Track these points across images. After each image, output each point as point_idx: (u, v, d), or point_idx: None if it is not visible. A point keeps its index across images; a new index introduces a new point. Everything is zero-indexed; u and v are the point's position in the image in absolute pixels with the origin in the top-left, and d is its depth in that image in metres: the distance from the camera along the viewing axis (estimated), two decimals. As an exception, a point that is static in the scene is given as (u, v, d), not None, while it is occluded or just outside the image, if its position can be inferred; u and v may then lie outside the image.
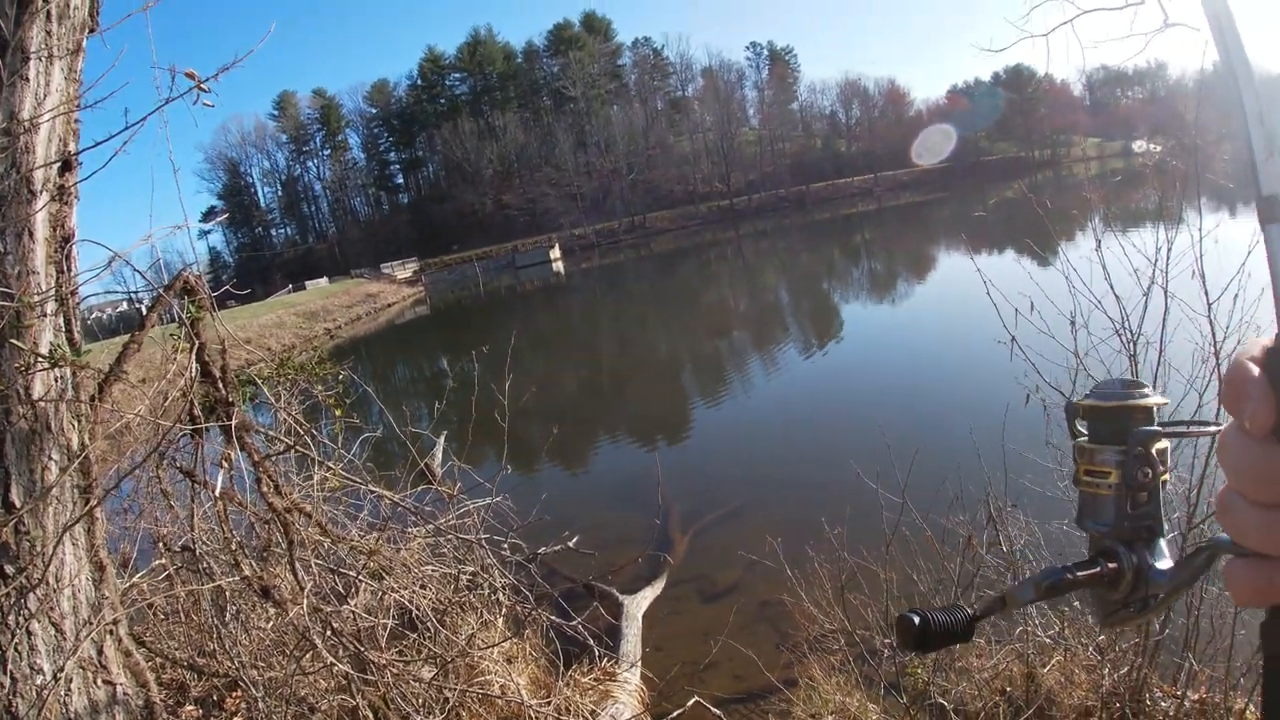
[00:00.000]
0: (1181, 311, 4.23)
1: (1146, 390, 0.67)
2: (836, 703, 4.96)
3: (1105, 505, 0.66)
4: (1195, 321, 4.14)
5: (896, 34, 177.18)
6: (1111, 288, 4.35)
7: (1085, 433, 0.71)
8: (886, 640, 4.98)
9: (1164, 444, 0.66)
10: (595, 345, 31.07)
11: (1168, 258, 4.22)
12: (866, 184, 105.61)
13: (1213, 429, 0.66)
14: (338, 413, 4.43)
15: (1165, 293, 4.25)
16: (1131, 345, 4.33)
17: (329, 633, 3.74)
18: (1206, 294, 4.08)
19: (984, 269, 4.63)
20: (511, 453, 4.92)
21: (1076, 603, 5.01)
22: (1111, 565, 0.64)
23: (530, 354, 26.75)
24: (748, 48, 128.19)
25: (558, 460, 13.77)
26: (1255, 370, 0.53)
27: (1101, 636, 4.73)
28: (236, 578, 3.51)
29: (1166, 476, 0.67)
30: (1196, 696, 4.36)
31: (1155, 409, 0.67)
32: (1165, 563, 0.63)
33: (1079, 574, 0.64)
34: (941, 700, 4.60)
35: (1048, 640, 4.84)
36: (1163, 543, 0.65)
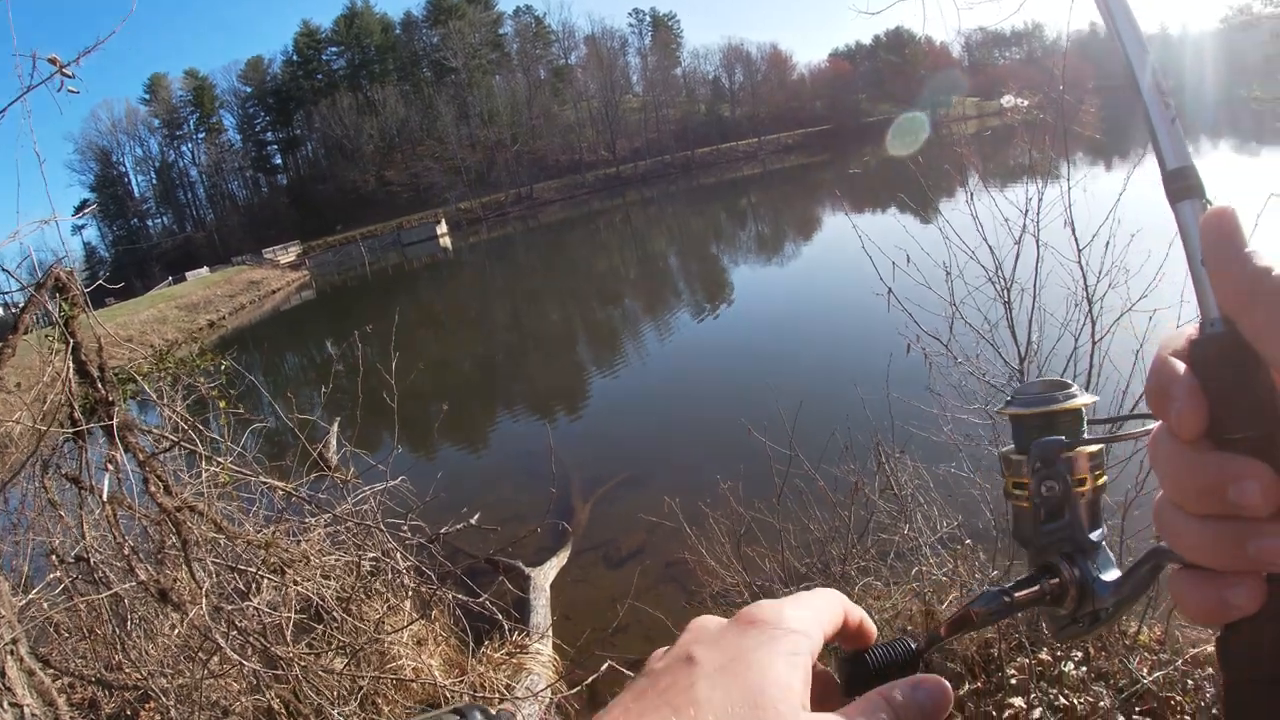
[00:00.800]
0: (1054, 259, 4.45)
1: (1071, 391, 0.61)
2: (745, 654, 5.08)
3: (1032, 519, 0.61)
4: (1067, 267, 4.36)
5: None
6: (985, 239, 4.53)
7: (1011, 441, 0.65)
8: (787, 589, 5.13)
9: (1087, 444, 0.60)
10: (486, 320, 30.77)
11: (1039, 208, 4.43)
12: (751, 148, 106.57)
13: (1138, 431, 0.61)
14: (222, 405, 4.30)
15: (1037, 241, 4.46)
16: (1006, 293, 4.53)
17: (234, 632, 3.66)
18: (1076, 241, 4.30)
19: (863, 226, 4.77)
20: (404, 434, 4.86)
21: (968, 540, 5.25)
22: (1053, 581, 0.59)
23: (421, 332, 26.37)
24: (630, 14, 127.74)
25: (453, 438, 13.67)
26: (1180, 367, 0.48)
27: (995, 571, 4.97)
28: (133, 584, 3.40)
29: (1102, 480, 0.61)
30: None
31: (1083, 410, 0.61)
32: (1111, 573, 0.58)
33: (1018, 594, 0.60)
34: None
35: (944, 578, 5.05)
36: (1107, 551, 0.60)
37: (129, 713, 4.30)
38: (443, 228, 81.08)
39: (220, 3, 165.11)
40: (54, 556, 3.96)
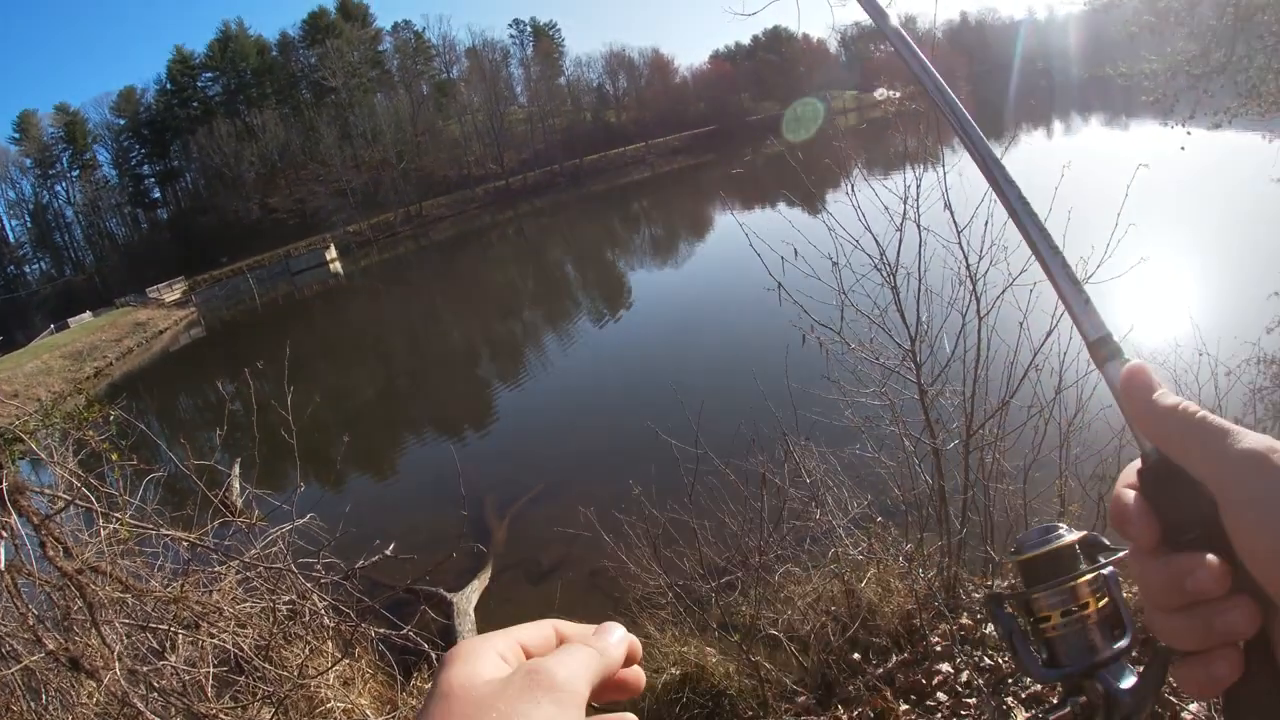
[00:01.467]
0: (936, 242, 4.62)
1: (1060, 532, 0.67)
2: (675, 654, 5.13)
3: (1052, 648, 0.66)
4: (950, 249, 4.54)
5: (656, 3, 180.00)
6: (869, 228, 4.68)
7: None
8: (709, 585, 5.19)
9: (1083, 574, 0.66)
10: (384, 345, 30.28)
11: (918, 194, 4.60)
12: (639, 152, 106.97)
13: (1121, 555, 0.66)
14: (114, 458, 4.14)
15: (919, 226, 4.63)
16: (892, 278, 4.69)
17: (153, 694, 3.53)
18: (955, 224, 4.49)
19: (751, 223, 4.88)
20: (308, 470, 4.76)
21: (879, 517, 5.41)
22: (1081, 700, 0.64)
23: (317, 363, 25.81)
24: (511, 25, 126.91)
25: (359, 469, 13.45)
26: (1131, 494, 0.60)
27: (908, 545, 5.13)
28: (42, 655, 3.24)
29: (1104, 601, 0.65)
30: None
31: (1075, 546, 0.67)
32: (1129, 680, 0.63)
33: (1051, 717, 0.64)
34: (773, 631, 4.85)
35: (860, 557, 5.19)
36: (1123, 663, 0.64)
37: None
38: (332, 253, 79.17)
39: (87, 30, 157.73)
40: (-45, 635, 3.76)
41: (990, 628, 4.56)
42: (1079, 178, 4.66)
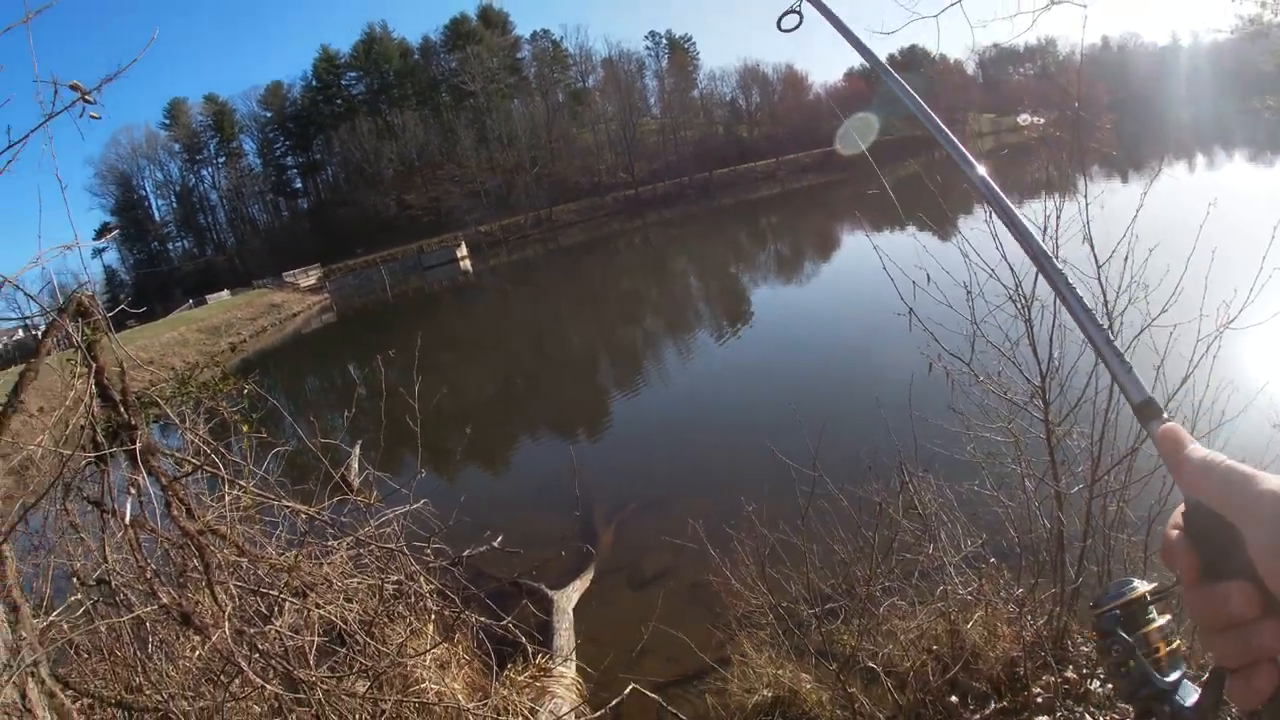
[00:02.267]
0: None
1: (1132, 584, 0.80)
2: (770, 676, 5.06)
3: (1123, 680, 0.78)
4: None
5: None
6: (1004, 256, 4.51)
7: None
8: (812, 610, 5.10)
9: (1154, 621, 0.78)
10: (508, 342, 30.85)
11: (1057, 224, 4.40)
12: (770, 168, 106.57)
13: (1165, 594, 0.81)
14: (245, 429, 4.32)
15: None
16: (1027, 310, 4.51)
17: (256, 655, 3.66)
18: (1095, 257, 4.28)
19: (883, 245, 4.75)
20: (427, 457, 4.87)
21: (992, 558, 5.21)
22: None
23: (443, 356, 26.45)
24: (647, 37, 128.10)
25: (476, 461, 13.68)
26: (1175, 534, 0.70)
27: (1020, 590, 4.92)
28: (155, 607, 3.40)
29: (1175, 643, 0.78)
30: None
31: (1145, 596, 0.79)
32: (1192, 698, 0.73)
33: None
34: (871, 664, 4.73)
35: (968, 597, 5.01)
36: (1186, 683, 0.75)
37: (148, 735, 4.30)
38: (463, 250, 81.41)
39: (239, 29, 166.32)
40: (75, 579, 3.98)
41: (1095, 683, 4.38)
42: (1223, 215, 4.40)
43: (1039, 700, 4.40)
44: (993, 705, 4.50)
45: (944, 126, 1.00)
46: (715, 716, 5.25)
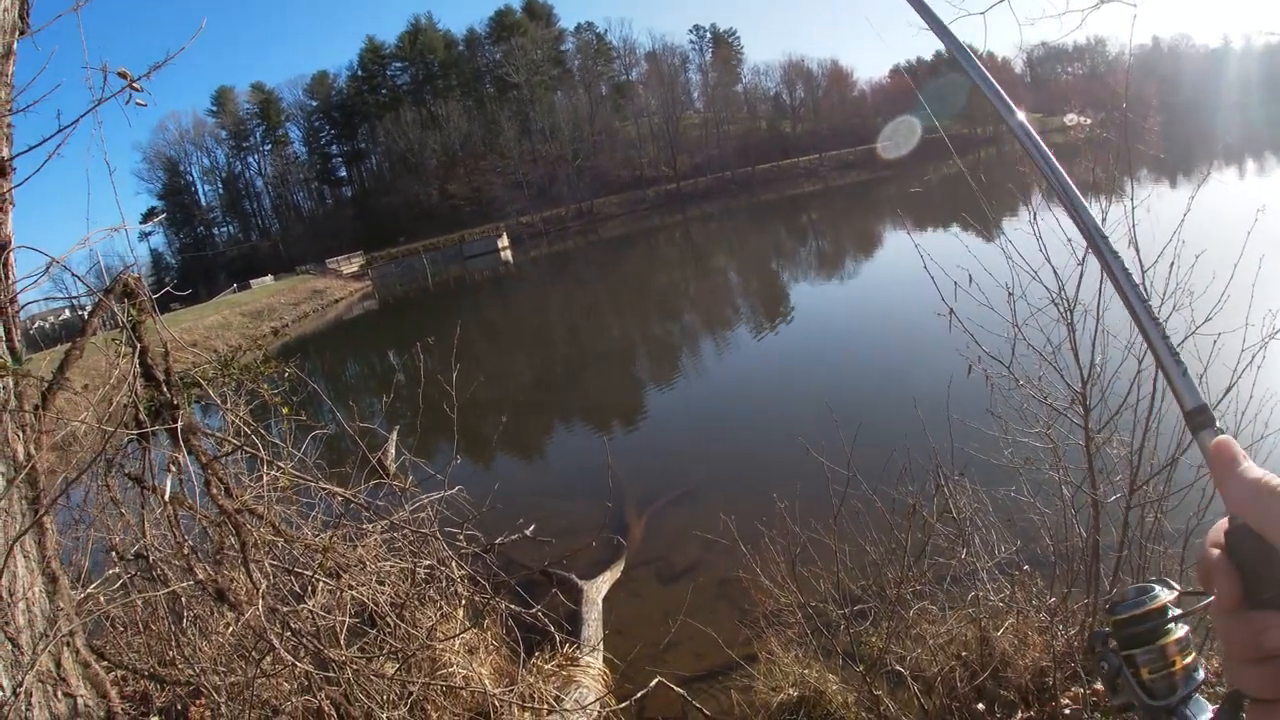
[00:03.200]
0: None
1: (1153, 592, 0.77)
2: (796, 675, 5.04)
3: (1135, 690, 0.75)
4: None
5: (836, 14, 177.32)
6: (1048, 259, 4.43)
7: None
8: (841, 610, 5.07)
9: (1172, 633, 0.75)
10: (545, 333, 30.96)
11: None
12: (812, 164, 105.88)
13: (1201, 605, 0.73)
14: (285, 411, 4.38)
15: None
16: (1069, 314, 4.43)
17: (288, 633, 3.72)
18: (1140, 262, 4.19)
19: (925, 244, 4.69)
20: (463, 444, 4.92)
21: (1026, 565, 5.15)
22: None
23: (481, 344, 26.63)
24: (691, 31, 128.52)
25: (510, 449, 13.76)
26: (1216, 554, 0.65)
27: (1053, 599, 4.86)
28: (191, 582, 3.47)
29: (1190, 656, 0.75)
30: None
31: (1168, 606, 0.76)
32: (1205, 716, 0.71)
33: None
34: (899, 667, 4.69)
35: (1000, 604, 4.95)
36: (1199, 698, 0.73)
37: (179, 708, 4.38)
38: (504, 241, 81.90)
39: (286, 19, 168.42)
40: (114, 553, 4.06)
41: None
42: (1272, 222, 4.31)
43: (1067, 712, 4.34)
44: (1020, 715, 4.46)
45: (989, 75, 0.94)
46: (740, 713, 5.24)
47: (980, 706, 4.53)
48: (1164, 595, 0.76)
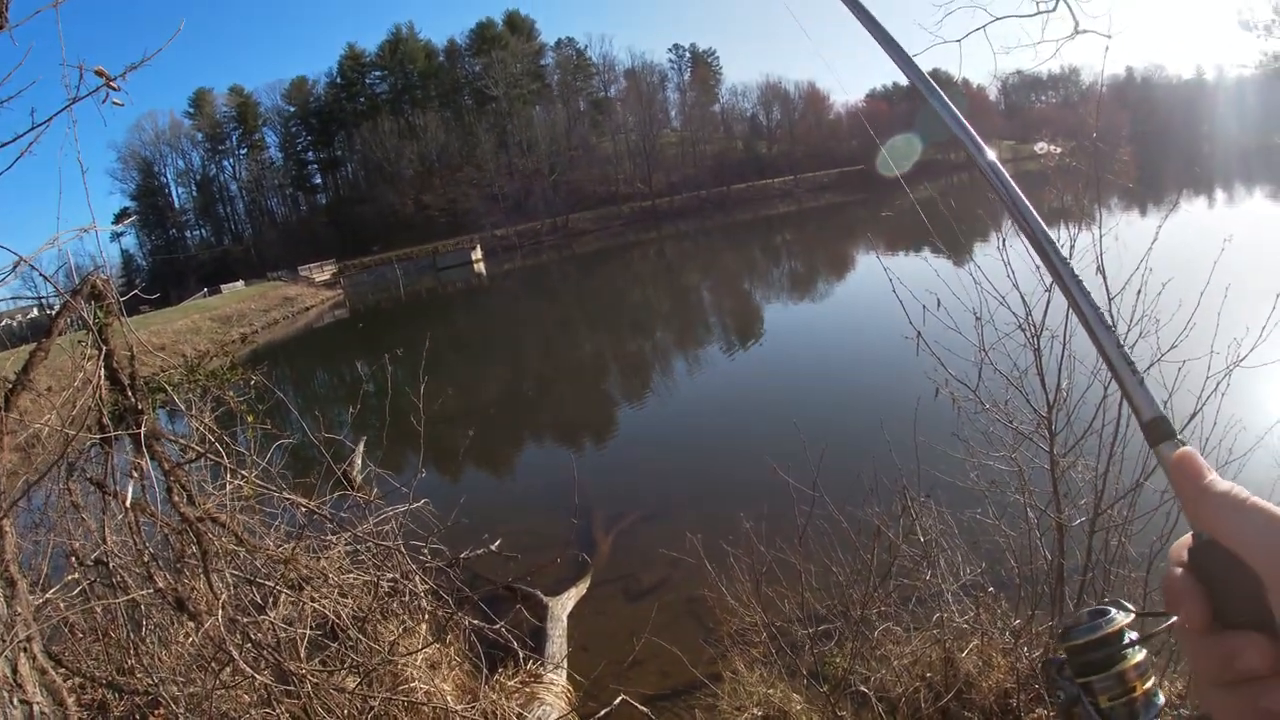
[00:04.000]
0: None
1: (1109, 615, 0.73)
2: (761, 695, 5.04)
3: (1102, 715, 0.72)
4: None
5: (814, 37, 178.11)
6: (1016, 285, 4.48)
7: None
8: (806, 630, 5.08)
9: (1130, 658, 0.71)
10: (516, 347, 30.90)
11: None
12: (787, 185, 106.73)
13: (1164, 627, 0.69)
14: (250, 419, 4.34)
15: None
16: (1036, 340, 4.48)
17: (248, 644, 3.67)
18: (1108, 289, 4.25)
19: (895, 268, 4.72)
20: (430, 456, 4.89)
21: (991, 588, 5.18)
22: None
23: (451, 357, 26.51)
24: (670, 50, 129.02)
25: (478, 463, 13.70)
26: (1180, 571, 0.62)
27: (1017, 621, 4.89)
28: (150, 590, 3.42)
29: (1149, 682, 0.71)
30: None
31: (1124, 630, 0.72)
32: None
33: None
34: (863, 688, 4.70)
35: (965, 626, 4.98)
36: None
37: (138, 717, 4.31)
38: (478, 253, 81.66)
39: (266, 23, 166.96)
40: (74, 558, 4.00)
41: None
42: (1238, 252, 4.39)
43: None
44: (983, 735, 4.48)
45: (958, 114, 0.91)
46: (704, 732, 5.23)
47: (943, 729, 4.55)
48: (1121, 618, 0.72)
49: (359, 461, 8.11)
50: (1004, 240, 4.65)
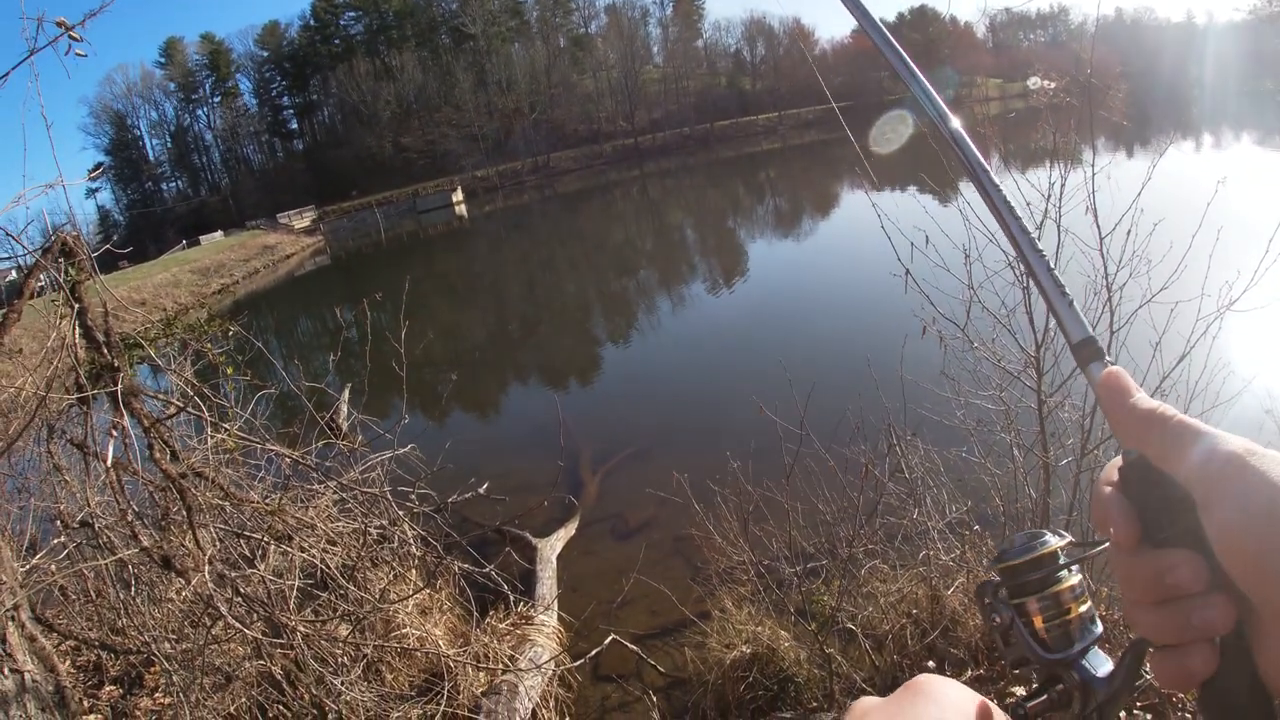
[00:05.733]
0: (1075, 245, 4.34)
1: (1043, 538, 0.70)
2: (749, 632, 5.08)
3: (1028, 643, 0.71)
4: (1089, 255, 4.26)
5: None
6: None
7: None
8: (793, 569, 5.11)
9: (1065, 580, 0.69)
10: (500, 289, 30.71)
11: (1061, 193, 4.32)
12: (771, 122, 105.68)
13: (1098, 551, 0.68)
14: (229, 371, 4.28)
15: (1059, 227, 4.35)
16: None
17: (238, 598, 3.66)
18: (1099, 228, 4.21)
19: (882, 205, 4.66)
20: (414, 402, 4.86)
21: (976, 526, 5.22)
22: (1059, 688, 0.68)
23: (434, 300, 26.40)
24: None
25: (463, 407, 13.68)
26: (1111, 493, 0.62)
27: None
28: (137, 549, 3.39)
29: (1085, 605, 0.69)
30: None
31: (1058, 552, 0.70)
32: (1105, 668, 0.66)
33: (1030, 705, 0.68)
34: (850, 625, 4.75)
35: (951, 563, 5.02)
36: (1098, 650, 0.68)
37: (133, 676, 4.32)
38: (458, 195, 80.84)
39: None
40: (59, 521, 3.96)
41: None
42: (1229, 195, 4.34)
43: (1016, 672, 4.42)
44: (970, 672, 4.53)
45: (916, 69, 0.87)
46: (693, 670, 5.28)
47: (931, 664, 4.60)
48: (1054, 541, 0.71)
49: (344, 410, 8.07)
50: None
